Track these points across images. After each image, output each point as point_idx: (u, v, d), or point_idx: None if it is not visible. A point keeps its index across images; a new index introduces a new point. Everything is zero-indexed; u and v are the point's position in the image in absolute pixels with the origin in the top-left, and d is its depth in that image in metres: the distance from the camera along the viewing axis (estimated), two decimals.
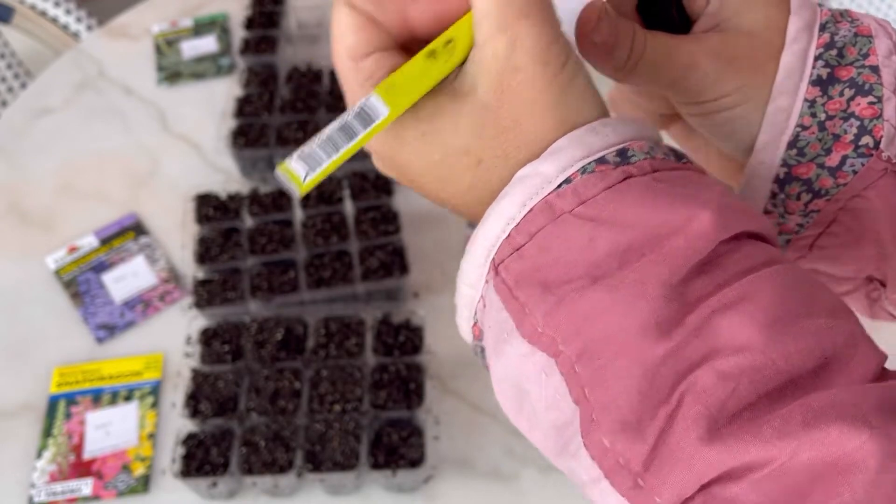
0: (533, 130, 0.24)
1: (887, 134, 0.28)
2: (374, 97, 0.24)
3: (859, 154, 0.28)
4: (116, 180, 0.82)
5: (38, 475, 0.61)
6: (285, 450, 0.56)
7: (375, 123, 0.24)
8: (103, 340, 0.69)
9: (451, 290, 0.79)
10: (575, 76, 0.25)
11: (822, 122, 0.28)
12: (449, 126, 0.25)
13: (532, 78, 0.24)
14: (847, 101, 0.28)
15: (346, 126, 0.24)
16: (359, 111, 0.24)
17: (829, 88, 0.28)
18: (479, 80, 0.24)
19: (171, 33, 0.98)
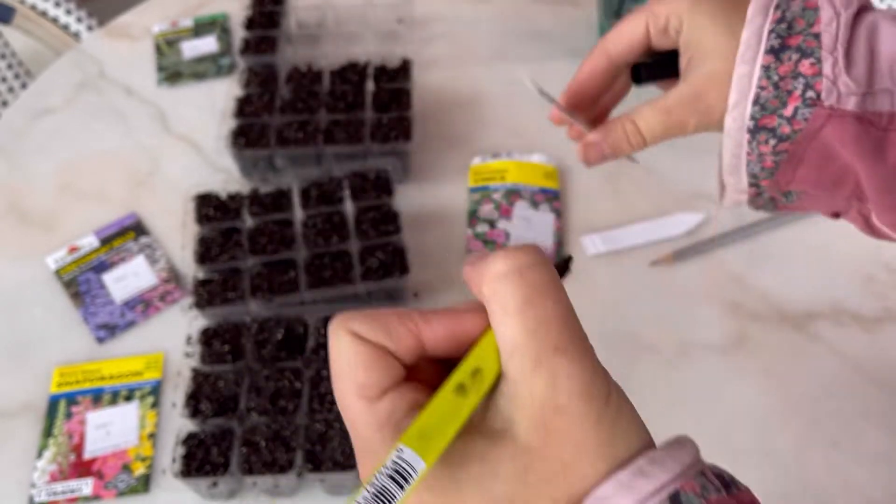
0: (583, 475, 0.22)
1: (826, 87, 0.35)
2: (406, 451, 0.21)
3: (807, 105, 0.35)
4: (117, 180, 0.82)
5: (39, 475, 0.61)
6: (286, 449, 0.56)
7: (413, 481, 0.20)
8: (104, 340, 0.69)
9: (450, 290, 0.79)
10: (621, 407, 0.24)
11: (776, 83, 0.36)
12: (488, 472, 0.22)
13: (579, 418, 0.22)
14: (795, 64, 0.36)
15: (382, 492, 0.20)
16: (393, 470, 0.20)
17: (781, 55, 0.36)
18: (516, 420, 0.22)
19: (171, 33, 0.98)
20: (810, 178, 0.38)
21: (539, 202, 0.77)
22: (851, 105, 0.35)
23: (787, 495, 0.58)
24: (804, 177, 0.38)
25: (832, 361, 0.66)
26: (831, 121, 0.35)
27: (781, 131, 0.37)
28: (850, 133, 0.35)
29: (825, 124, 0.36)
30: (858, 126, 0.35)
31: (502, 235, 0.74)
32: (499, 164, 0.80)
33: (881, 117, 0.35)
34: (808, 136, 0.36)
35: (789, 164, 0.38)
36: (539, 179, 0.78)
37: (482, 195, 0.77)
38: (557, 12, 0.99)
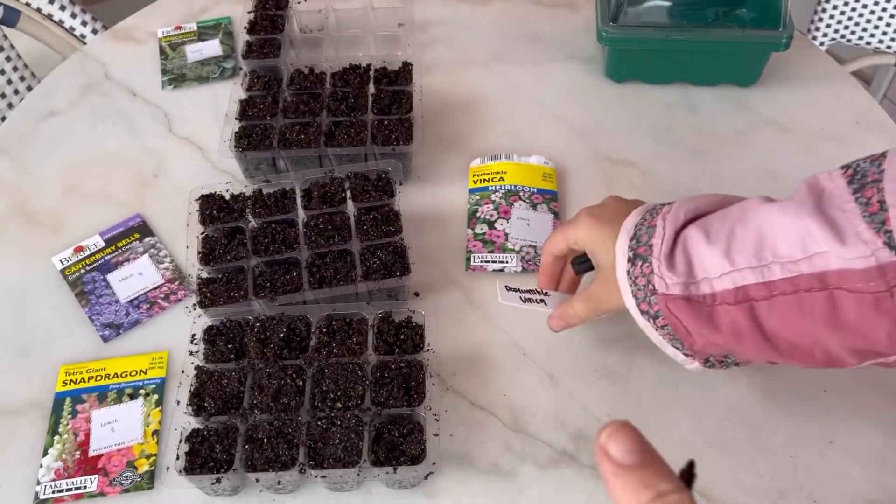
0: None
1: (657, 280, 0.51)
2: None
3: (652, 294, 0.52)
4: (122, 182, 0.83)
5: (44, 472, 0.62)
6: (288, 447, 0.57)
7: None
8: (109, 339, 0.70)
9: (451, 290, 0.81)
10: None
11: (635, 281, 0.53)
12: None
13: None
14: (641, 267, 0.52)
15: None
16: None
17: (635, 262, 0.53)
18: None
19: (175, 37, 0.99)
20: (703, 344, 0.52)
21: (538, 203, 0.77)
22: (677, 290, 0.50)
23: (782, 493, 0.59)
24: (700, 344, 0.52)
25: None
26: (670, 302, 0.51)
27: (652, 312, 0.53)
28: (684, 311, 0.50)
29: (668, 305, 0.51)
30: (688, 305, 0.50)
31: (501, 236, 0.75)
32: (498, 165, 0.81)
33: (705, 297, 0.49)
34: (667, 313, 0.51)
35: (679, 335, 0.53)
36: (537, 181, 0.79)
37: (481, 196, 0.78)
38: (556, 16, 1.00)
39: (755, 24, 0.85)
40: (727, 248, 0.48)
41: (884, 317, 0.43)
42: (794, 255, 0.45)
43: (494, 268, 0.72)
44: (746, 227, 0.48)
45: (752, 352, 0.50)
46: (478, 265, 0.73)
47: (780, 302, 0.46)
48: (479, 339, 0.69)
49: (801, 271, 0.45)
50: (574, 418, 0.63)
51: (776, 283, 0.46)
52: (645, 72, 0.90)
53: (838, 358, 0.48)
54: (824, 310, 0.45)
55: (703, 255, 0.49)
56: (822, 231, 0.44)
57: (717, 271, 0.48)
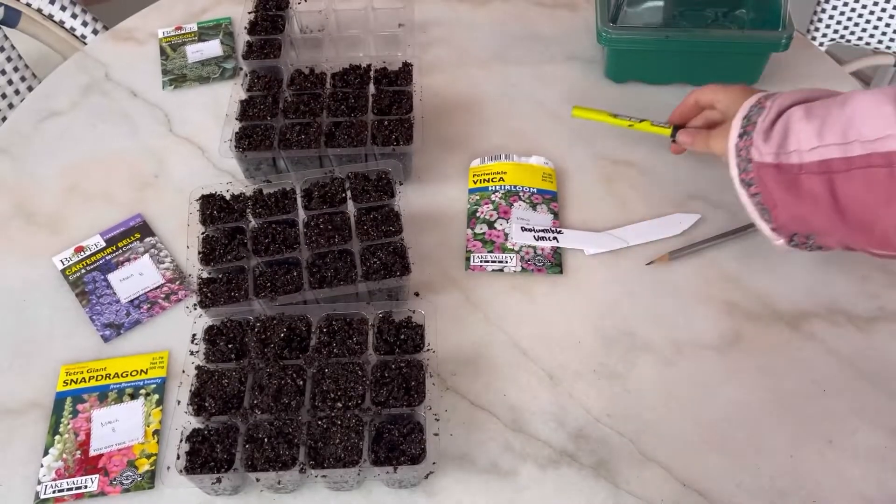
0: None
1: (754, 152, 0.62)
2: None
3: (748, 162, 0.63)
4: (122, 182, 0.83)
5: (45, 472, 0.62)
6: (288, 446, 0.57)
7: None
8: (109, 339, 0.70)
9: (451, 290, 0.81)
10: None
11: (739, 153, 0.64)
12: None
13: None
14: (745, 141, 0.63)
15: None
16: None
17: (742, 137, 0.63)
18: None
19: (175, 37, 0.99)
20: (786, 216, 0.61)
21: (537, 203, 0.78)
22: (769, 159, 0.60)
23: (781, 492, 0.59)
24: (783, 217, 0.61)
25: (826, 360, 0.67)
26: (762, 169, 0.61)
27: (748, 179, 0.63)
28: (774, 177, 0.60)
29: (760, 172, 0.61)
30: (778, 172, 0.60)
31: (501, 236, 0.75)
32: (498, 165, 0.81)
33: (792, 167, 0.59)
34: (758, 181, 0.61)
35: (767, 204, 0.62)
36: (537, 181, 0.79)
37: (481, 196, 0.78)
38: (555, 16, 1.01)
39: (755, 24, 0.85)
40: (821, 126, 0.57)
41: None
42: (873, 135, 0.53)
43: (494, 267, 0.73)
44: (842, 110, 0.56)
45: (824, 221, 0.59)
46: (477, 265, 0.73)
47: (854, 175, 0.55)
48: (479, 339, 0.69)
49: (875, 150, 0.53)
50: (574, 418, 0.63)
51: (854, 158, 0.54)
52: (645, 72, 0.90)
53: (892, 239, 0.56)
54: (885, 184, 0.53)
55: (800, 131, 0.58)
56: (895, 116, 0.52)
57: (808, 145, 0.57)
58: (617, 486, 0.60)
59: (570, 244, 0.73)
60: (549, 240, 0.72)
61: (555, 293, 0.72)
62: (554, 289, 0.72)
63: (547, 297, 0.71)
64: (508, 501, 0.59)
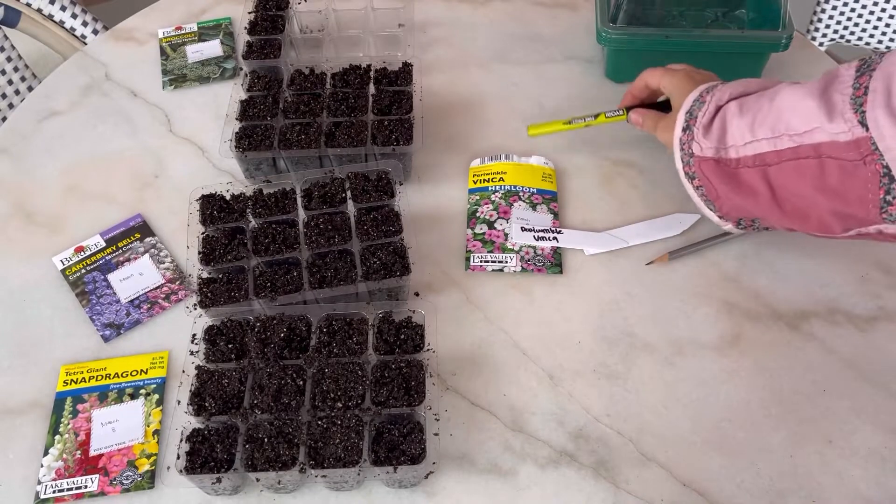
0: None
1: (695, 146, 0.65)
2: None
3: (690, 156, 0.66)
4: (122, 182, 0.83)
5: (45, 472, 0.62)
6: (288, 446, 0.57)
7: None
8: (109, 339, 0.70)
9: (451, 290, 0.81)
10: None
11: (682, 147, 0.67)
12: None
13: None
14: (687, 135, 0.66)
15: None
16: None
17: (685, 131, 0.66)
18: None
19: (175, 37, 0.99)
20: (728, 206, 0.64)
21: (537, 203, 0.78)
22: (710, 154, 0.63)
23: (781, 492, 0.59)
24: (726, 206, 0.65)
25: (826, 360, 0.67)
26: (702, 163, 0.64)
27: (690, 172, 0.66)
28: (714, 171, 0.63)
29: (701, 166, 0.64)
30: (717, 166, 0.63)
31: (501, 236, 0.75)
32: (498, 165, 0.81)
33: (730, 161, 0.62)
34: (700, 174, 0.64)
35: (709, 195, 0.65)
36: (537, 181, 0.79)
37: (481, 196, 0.78)
38: (555, 16, 1.01)
39: (755, 24, 0.85)
40: (752, 122, 0.60)
41: (857, 182, 0.53)
42: (800, 128, 0.56)
43: (494, 267, 0.73)
44: (771, 105, 0.59)
45: (764, 211, 0.62)
46: (477, 265, 0.73)
47: (785, 167, 0.57)
48: (479, 339, 0.69)
49: (802, 142, 0.56)
50: (574, 418, 0.64)
51: (784, 151, 0.57)
52: None
53: (828, 224, 0.58)
54: (815, 174, 0.56)
55: (735, 127, 0.61)
56: (819, 110, 0.55)
57: (742, 140, 0.60)
58: (617, 485, 0.60)
59: (570, 244, 0.74)
60: (548, 240, 0.73)
61: (555, 293, 0.72)
62: (554, 289, 0.72)
63: (547, 297, 0.71)
64: (508, 501, 0.59)
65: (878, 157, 0.51)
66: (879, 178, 0.52)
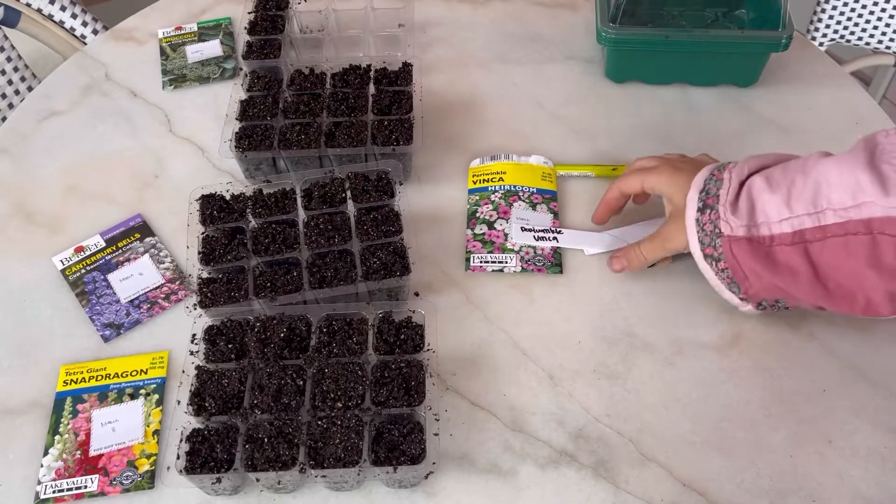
0: None
1: (723, 224, 0.60)
2: None
3: (717, 236, 0.61)
4: (122, 182, 0.83)
5: (45, 472, 0.62)
6: (288, 446, 0.57)
7: None
8: (109, 339, 0.70)
9: (451, 290, 0.81)
10: None
11: (703, 227, 0.62)
12: None
13: None
14: (710, 215, 0.61)
15: None
16: None
17: (704, 211, 0.62)
18: None
19: (175, 37, 0.99)
20: (759, 287, 0.61)
21: (537, 203, 0.78)
22: (741, 233, 0.59)
23: (781, 492, 0.59)
24: (756, 287, 0.61)
25: (826, 360, 0.67)
26: (734, 244, 0.59)
27: (715, 255, 0.62)
28: (746, 251, 0.59)
29: (732, 246, 0.60)
30: (749, 245, 0.59)
31: (501, 236, 0.75)
32: (497, 165, 0.81)
33: (764, 239, 0.58)
34: (728, 255, 0.60)
35: (737, 278, 0.61)
36: (537, 181, 0.79)
37: (481, 196, 0.78)
38: (555, 16, 1.01)
39: (755, 24, 0.85)
40: (787, 196, 0.56)
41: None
42: (846, 202, 0.53)
43: (494, 268, 0.73)
44: (806, 179, 0.55)
45: (805, 291, 0.58)
46: (477, 265, 0.73)
47: (831, 243, 0.54)
48: (479, 339, 0.69)
49: (850, 217, 0.53)
50: (574, 418, 0.64)
51: (829, 227, 0.54)
52: (644, 72, 0.90)
53: (876, 303, 0.55)
54: (867, 251, 0.52)
55: (766, 202, 0.57)
56: (871, 183, 0.51)
57: (777, 217, 0.57)
58: (617, 485, 0.60)
59: (570, 244, 0.74)
60: (548, 240, 0.73)
61: (555, 293, 0.72)
62: (554, 289, 0.72)
63: (547, 297, 0.71)
64: (508, 501, 0.59)
65: None
66: None
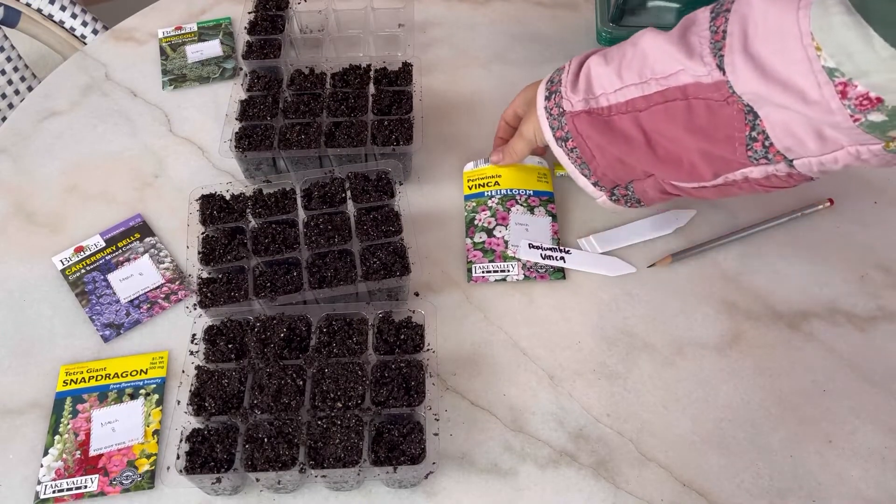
0: None
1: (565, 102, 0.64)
2: None
3: (562, 115, 0.65)
4: (122, 182, 0.83)
5: (45, 472, 0.62)
6: (288, 446, 0.57)
7: None
8: (109, 339, 0.70)
9: (451, 290, 0.81)
10: None
11: (550, 112, 0.66)
12: None
13: None
14: (553, 99, 0.66)
15: None
16: None
17: (549, 98, 0.67)
18: None
19: (175, 37, 0.99)
20: (604, 163, 0.64)
21: (535, 206, 0.77)
22: (580, 107, 0.63)
23: (781, 492, 0.59)
24: (602, 164, 0.65)
25: (826, 360, 0.67)
26: (575, 118, 0.64)
27: (563, 136, 0.65)
28: (587, 122, 0.63)
29: (574, 121, 0.64)
30: (590, 118, 0.63)
31: (501, 244, 0.74)
32: (492, 169, 0.80)
33: (602, 110, 0.62)
34: (573, 131, 0.64)
35: (585, 156, 0.65)
36: (533, 183, 0.79)
37: (478, 203, 0.78)
38: (556, 16, 1.01)
39: None
40: (619, 68, 0.60)
41: (724, 120, 0.54)
42: (665, 71, 0.57)
43: (496, 278, 0.72)
44: (635, 50, 0.59)
45: (640, 159, 0.62)
46: (479, 276, 0.72)
47: (655, 111, 0.58)
48: (479, 339, 0.69)
49: (669, 85, 0.56)
50: (574, 418, 0.64)
51: (653, 95, 0.58)
52: None
53: (698, 168, 0.59)
54: (684, 115, 0.56)
55: (601, 75, 0.61)
56: (680, 54, 0.55)
57: (611, 87, 0.60)
58: (617, 486, 0.60)
59: (576, 266, 0.73)
60: (556, 259, 0.72)
61: (555, 293, 0.72)
62: (554, 289, 0.72)
63: (547, 298, 0.71)
64: (508, 501, 0.59)
65: (738, 99, 0.52)
66: (744, 116, 0.53)
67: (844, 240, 0.75)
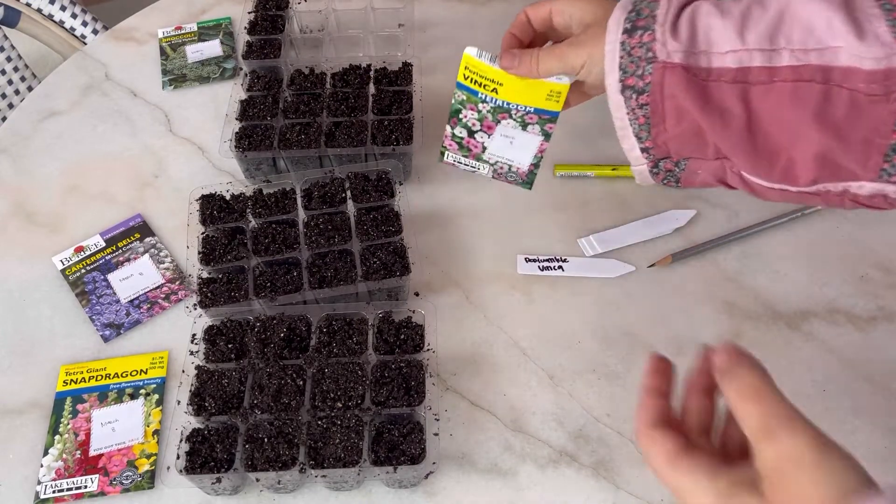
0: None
1: (658, 48, 0.49)
2: None
3: (649, 62, 0.49)
4: (122, 182, 0.83)
5: (45, 471, 0.62)
6: (288, 446, 0.57)
7: None
8: (109, 339, 0.70)
9: (451, 289, 0.80)
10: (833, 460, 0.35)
11: (629, 52, 0.50)
12: None
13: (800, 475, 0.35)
14: (640, 37, 0.49)
15: None
16: None
17: (633, 33, 0.50)
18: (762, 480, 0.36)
19: (175, 37, 0.99)
20: (676, 131, 0.51)
21: (529, 123, 0.65)
22: (678, 59, 0.48)
23: None
24: (672, 131, 0.51)
25: (826, 360, 0.67)
26: (667, 71, 0.49)
27: (639, 86, 0.50)
28: (680, 81, 0.48)
29: (664, 74, 0.49)
30: (686, 74, 0.48)
31: (479, 147, 0.67)
32: (495, 72, 0.64)
33: (700, 71, 0.48)
34: (656, 86, 0.49)
35: (655, 117, 0.51)
36: (539, 100, 0.63)
37: (468, 98, 0.66)
38: None
39: None
40: (740, 25, 0.47)
41: (868, 121, 0.44)
42: (808, 44, 0.45)
43: (466, 169, 0.67)
44: (765, 9, 0.47)
45: (730, 141, 0.49)
46: (450, 162, 0.67)
47: (777, 88, 0.46)
48: (479, 339, 0.69)
49: (809, 61, 0.45)
50: (574, 418, 0.64)
51: (780, 69, 0.46)
52: None
53: (798, 165, 0.47)
54: (817, 103, 0.45)
55: (713, 28, 0.48)
56: (844, 25, 0.43)
57: (725, 46, 0.47)
58: (617, 486, 0.60)
59: (576, 272, 0.72)
60: (553, 269, 0.71)
61: (555, 293, 0.72)
62: (554, 289, 0.72)
63: (547, 297, 0.71)
64: (508, 501, 0.59)
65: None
66: None
67: (844, 240, 0.75)
